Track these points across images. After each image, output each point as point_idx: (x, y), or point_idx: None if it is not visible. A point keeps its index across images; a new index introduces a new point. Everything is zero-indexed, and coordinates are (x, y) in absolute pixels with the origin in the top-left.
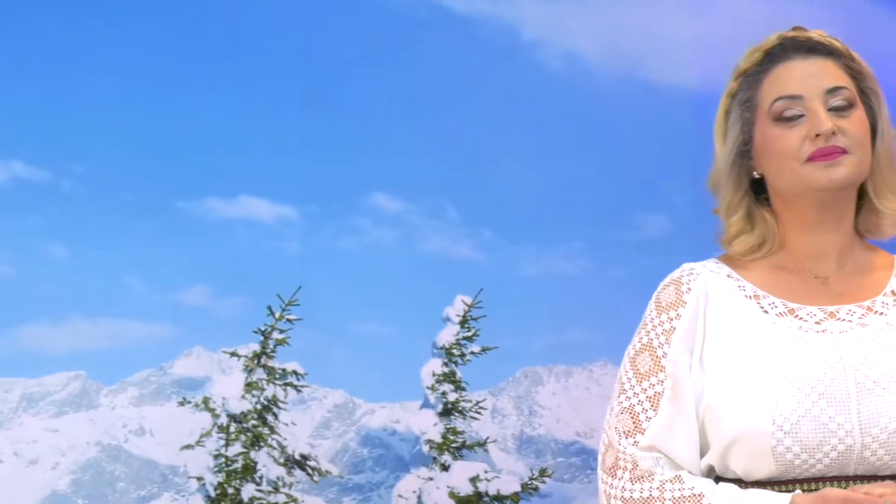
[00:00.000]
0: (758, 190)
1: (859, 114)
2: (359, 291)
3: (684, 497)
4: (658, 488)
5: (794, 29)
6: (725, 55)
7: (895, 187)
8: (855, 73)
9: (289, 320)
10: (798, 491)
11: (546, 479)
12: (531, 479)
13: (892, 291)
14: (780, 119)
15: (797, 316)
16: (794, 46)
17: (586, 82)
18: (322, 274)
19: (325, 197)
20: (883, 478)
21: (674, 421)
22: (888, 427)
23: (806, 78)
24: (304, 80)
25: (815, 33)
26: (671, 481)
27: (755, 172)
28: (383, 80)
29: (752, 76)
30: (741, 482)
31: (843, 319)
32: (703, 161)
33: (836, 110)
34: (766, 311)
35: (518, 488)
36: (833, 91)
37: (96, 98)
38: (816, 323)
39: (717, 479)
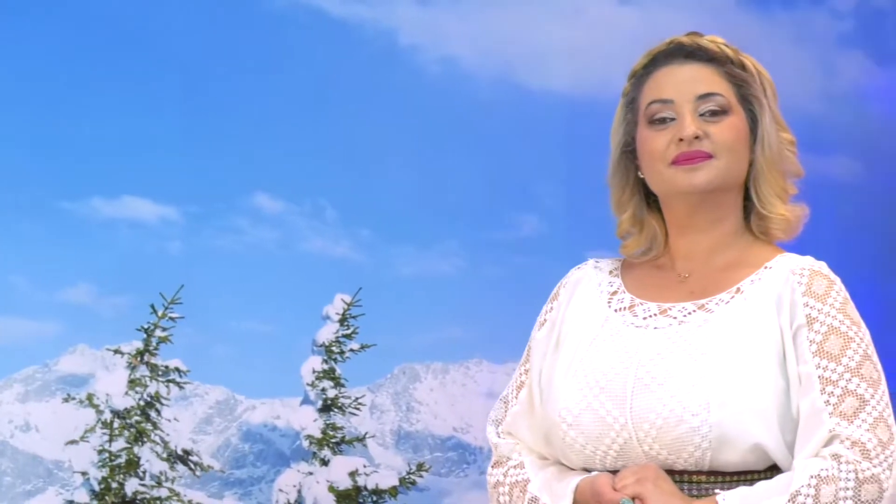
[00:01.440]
0: (651, 191)
1: (732, 120)
2: (240, 290)
3: (517, 482)
4: (504, 473)
5: (689, 34)
6: (595, 62)
7: (781, 192)
8: (738, 81)
9: (171, 318)
10: (595, 472)
11: (423, 473)
12: (409, 473)
13: (738, 289)
14: (653, 122)
15: (633, 312)
16: (677, 51)
17: (462, 86)
18: (204, 273)
19: (206, 197)
20: (681, 472)
21: (526, 409)
22: (655, 423)
23: (679, 83)
24: (184, 81)
25: (707, 39)
26: (515, 467)
27: (640, 173)
28: (262, 81)
29: (638, 78)
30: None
31: (671, 316)
32: (574, 163)
33: (707, 116)
34: (609, 307)
35: (396, 482)
36: (704, 97)
37: None
38: (643, 319)
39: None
